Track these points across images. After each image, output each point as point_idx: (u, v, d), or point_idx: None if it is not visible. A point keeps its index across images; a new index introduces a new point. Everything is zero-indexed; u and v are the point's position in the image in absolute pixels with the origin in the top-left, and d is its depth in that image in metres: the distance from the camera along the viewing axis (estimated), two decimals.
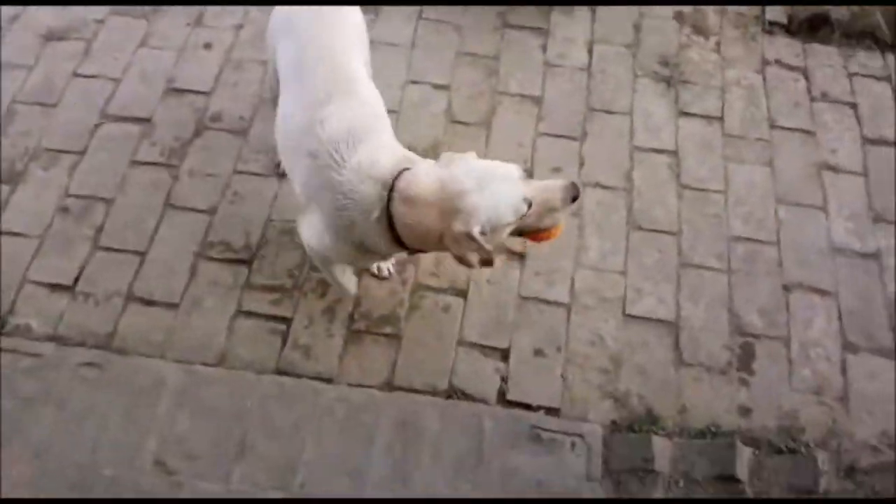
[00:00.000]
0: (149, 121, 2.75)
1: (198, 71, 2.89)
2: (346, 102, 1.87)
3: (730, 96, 2.89)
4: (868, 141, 2.78)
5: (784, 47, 3.04)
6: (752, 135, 2.78)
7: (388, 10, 3.06)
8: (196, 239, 2.50)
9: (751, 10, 3.13)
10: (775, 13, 3.11)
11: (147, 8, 3.04)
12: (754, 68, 2.97)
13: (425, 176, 1.72)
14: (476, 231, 1.65)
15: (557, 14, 3.09)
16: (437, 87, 2.88)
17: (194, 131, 2.73)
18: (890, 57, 3.03)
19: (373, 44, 2.93)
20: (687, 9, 3.12)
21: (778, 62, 3.00)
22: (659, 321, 2.37)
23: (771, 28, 3.09)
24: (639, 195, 2.63)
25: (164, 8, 3.05)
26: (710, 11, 3.12)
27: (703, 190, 2.64)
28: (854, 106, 2.88)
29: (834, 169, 2.70)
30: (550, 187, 1.74)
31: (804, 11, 3.09)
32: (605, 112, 2.84)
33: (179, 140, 2.71)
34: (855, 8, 3.13)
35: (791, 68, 2.98)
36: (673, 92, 2.89)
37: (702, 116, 2.84)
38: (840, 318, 2.37)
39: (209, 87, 2.84)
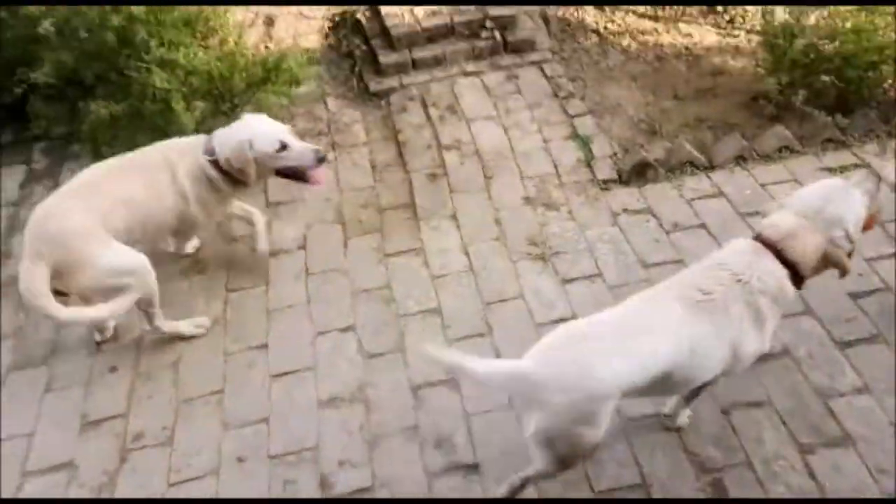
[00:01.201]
0: (71, 464, 2.45)
1: (109, 396, 2.65)
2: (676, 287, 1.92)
3: (599, 253, 2.96)
4: None
5: (625, 197, 3.21)
6: (632, 279, 2.82)
7: (275, 277, 3.01)
8: None
9: (585, 176, 3.32)
10: (605, 171, 3.32)
11: (46, 352, 2.83)
12: (609, 223, 3.09)
13: (780, 221, 1.94)
14: (852, 229, 1.91)
15: (426, 231, 3.15)
16: (343, 330, 2.79)
17: (119, 459, 2.45)
18: (712, 175, 3.24)
19: (272, 312, 2.88)
20: (532, 191, 3.28)
21: (626, 211, 3.14)
22: (629, 487, 2.19)
23: (606, 185, 3.27)
24: None
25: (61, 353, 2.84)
26: (552, 188, 3.28)
27: None
28: (703, 226, 3.01)
29: None
30: (867, 174, 2.01)
31: (627, 162, 3.31)
32: (499, 302, 2.83)
33: (107, 473, 2.41)
34: (668, 144, 3.40)
35: (638, 212, 3.13)
36: (550, 265, 2.93)
37: (583, 278, 2.87)
38: (784, 422, 2.28)
39: (124, 408, 2.60)
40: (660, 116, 3.66)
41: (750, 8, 4.22)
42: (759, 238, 1.94)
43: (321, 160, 2.66)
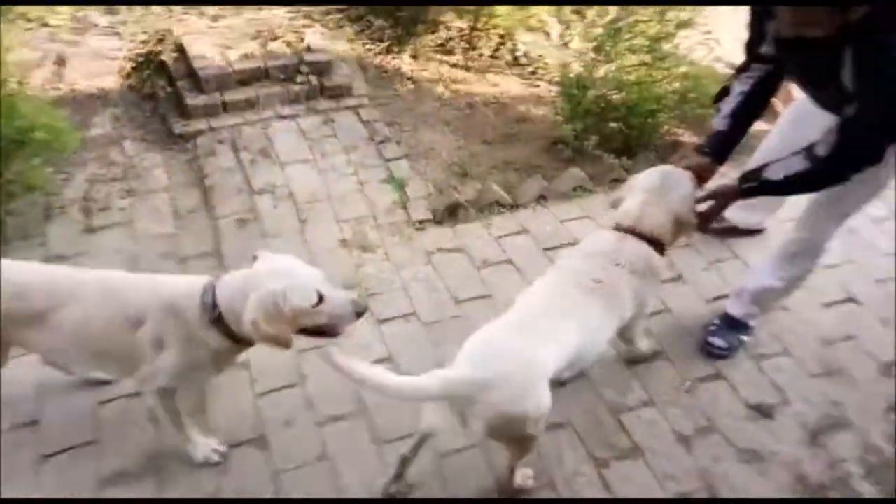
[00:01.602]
0: None
1: None
2: None
3: (413, 292, 3.00)
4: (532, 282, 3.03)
5: (439, 236, 3.30)
6: (445, 315, 2.89)
7: None
8: None
9: (400, 217, 3.38)
10: (419, 212, 3.40)
11: None
12: (423, 262, 3.15)
13: (629, 207, 2.28)
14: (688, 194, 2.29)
15: None
16: (130, 396, 2.47)
17: None
18: (518, 214, 3.43)
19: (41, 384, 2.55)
20: (348, 233, 3.27)
21: (439, 249, 3.22)
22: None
23: (421, 225, 3.34)
24: (377, 411, 2.51)
25: None
26: (368, 230, 3.29)
27: None
28: (510, 261, 3.17)
29: None
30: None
31: (441, 203, 3.42)
32: (313, 349, 2.68)
33: None
34: (478, 186, 3.56)
35: (451, 250, 3.23)
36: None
37: (399, 317, 2.89)
38: (582, 440, 2.41)
39: None
40: (470, 160, 3.84)
41: (550, 61, 4.62)
42: (617, 227, 2.23)
43: (360, 314, 1.99)
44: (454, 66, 4.62)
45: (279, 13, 4.45)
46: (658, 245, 2.22)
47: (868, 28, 1.87)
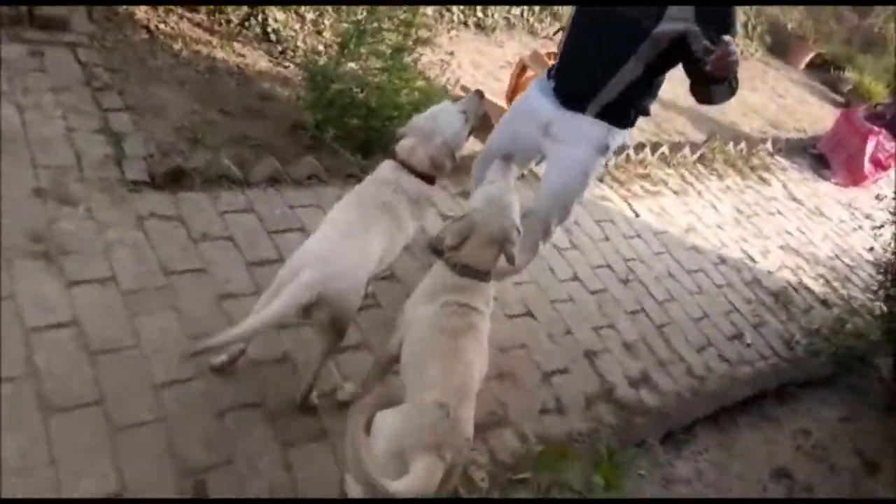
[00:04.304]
0: None
1: None
2: None
3: (117, 255, 2.84)
4: (252, 264, 3.09)
5: (156, 201, 3.16)
6: (150, 285, 2.79)
7: None
8: None
9: (113, 174, 3.17)
10: (136, 172, 3.21)
11: None
12: (133, 226, 2.99)
13: (404, 143, 2.76)
14: (449, 136, 2.76)
15: None
16: None
17: None
18: (248, 192, 3.44)
19: None
20: (45, 182, 2.97)
21: (154, 215, 3.09)
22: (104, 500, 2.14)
23: (136, 186, 3.17)
24: (48, 376, 2.35)
25: None
26: (71, 182, 3.04)
27: (116, 350, 2.53)
28: (231, 238, 3.16)
29: (232, 296, 2.91)
30: (471, 97, 2.90)
31: (162, 166, 3.28)
32: None
33: None
34: (209, 156, 3.48)
35: (168, 218, 3.11)
36: (56, 265, 2.70)
37: (94, 281, 2.71)
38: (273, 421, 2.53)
39: None
40: (205, 127, 3.73)
41: (301, 45, 4.68)
42: (395, 157, 2.69)
43: None
44: (198, 25, 4.45)
45: None
46: (427, 178, 2.69)
47: None
